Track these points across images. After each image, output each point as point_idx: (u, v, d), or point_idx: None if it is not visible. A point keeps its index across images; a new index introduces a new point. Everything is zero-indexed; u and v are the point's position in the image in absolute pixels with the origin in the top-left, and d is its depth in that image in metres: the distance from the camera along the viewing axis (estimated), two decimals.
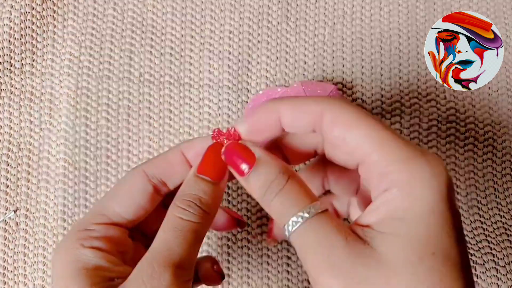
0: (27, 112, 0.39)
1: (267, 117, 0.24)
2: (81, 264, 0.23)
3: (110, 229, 0.25)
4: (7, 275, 0.37)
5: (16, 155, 0.38)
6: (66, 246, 0.24)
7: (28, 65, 0.39)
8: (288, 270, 0.37)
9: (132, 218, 0.26)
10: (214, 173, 0.25)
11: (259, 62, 0.40)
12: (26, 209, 0.38)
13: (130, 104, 0.39)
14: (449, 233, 0.19)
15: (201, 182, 0.25)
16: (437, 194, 0.20)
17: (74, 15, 0.40)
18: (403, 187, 0.20)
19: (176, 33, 0.40)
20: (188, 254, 0.23)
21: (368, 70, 0.40)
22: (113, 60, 0.40)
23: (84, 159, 0.38)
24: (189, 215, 0.24)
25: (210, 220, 0.25)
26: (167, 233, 0.23)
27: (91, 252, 0.24)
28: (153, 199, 0.27)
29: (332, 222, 0.21)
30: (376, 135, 0.21)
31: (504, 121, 0.40)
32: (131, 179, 0.26)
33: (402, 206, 0.20)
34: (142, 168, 0.27)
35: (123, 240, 0.26)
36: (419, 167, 0.20)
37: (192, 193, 0.24)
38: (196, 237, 0.24)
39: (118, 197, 0.26)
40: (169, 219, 0.24)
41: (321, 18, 0.41)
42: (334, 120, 0.22)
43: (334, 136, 0.22)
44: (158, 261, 0.22)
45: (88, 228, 0.25)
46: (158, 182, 0.27)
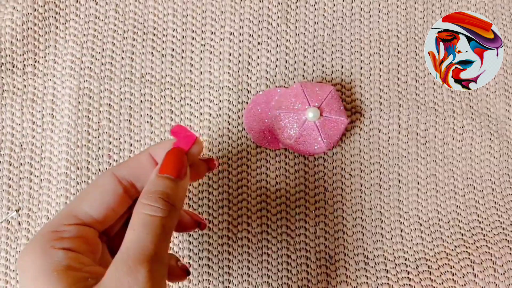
0: (29, 113, 0.39)
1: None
2: (53, 266, 0.23)
3: (81, 230, 0.25)
4: (9, 274, 0.37)
5: (19, 155, 0.39)
6: (36, 249, 0.24)
7: (30, 66, 0.39)
8: (288, 269, 0.37)
9: (102, 219, 0.26)
10: (176, 171, 0.26)
11: (259, 63, 0.40)
12: (29, 208, 0.38)
13: (132, 105, 0.39)
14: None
15: (165, 180, 0.26)
16: None
17: (76, 17, 0.40)
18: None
19: (177, 35, 0.40)
20: (161, 249, 0.23)
21: (367, 71, 0.40)
22: (114, 61, 0.40)
23: (86, 159, 0.39)
24: (158, 210, 0.24)
25: (177, 214, 0.26)
26: (138, 231, 0.23)
27: (63, 253, 0.24)
28: (123, 200, 0.27)
29: None
30: None
31: (502, 122, 0.40)
32: (102, 180, 0.27)
33: None
34: (112, 171, 0.27)
35: (93, 240, 0.26)
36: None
37: (158, 189, 0.25)
38: (166, 231, 0.24)
39: (88, 198, 0.26)
40: (138, 217, 0.24)
41: (320, 19, 0.41)
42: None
43: None
44: (132, 259, 0.22)
45: (58, 230, 0.25)
46: (128, 184, 0.27)
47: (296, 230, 0.38)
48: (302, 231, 0.38)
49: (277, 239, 0.38)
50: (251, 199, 0.38)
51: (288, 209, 0.38)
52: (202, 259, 0.38)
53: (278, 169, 0.39)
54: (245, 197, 0.38)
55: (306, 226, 0.38)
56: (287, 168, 0.39)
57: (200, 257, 0.38)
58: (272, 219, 0.38)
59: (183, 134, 0.28)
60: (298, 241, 0.38)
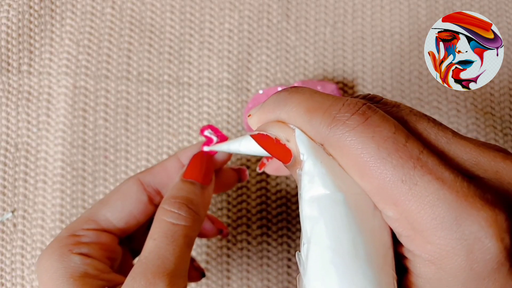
0: (24, 112, 0.39)
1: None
2: (70, 273, 0.23)
3: (100, 235, 0.25)
4: (4, 276, 0.37)
5: (14, 155, 0.38)
6: (53, 253, 0.24)
7: (25, 64, 0.39)
8: (288, 272, 0.37)
9: (123, 226, 0.26)
10: (201, 176, 0.25)
11: (259, 61, 0.40)
12: (24, 210, 0.38)
13: (129, 104, 0.39)
14: None
15: (190, 185, 0.25)
16: (468, 274, 0.16)
17: (72, 14, 0.40)
18: (434, 260, 0.16)
19: (175, 32, 0.40)
20: (182, 261, 0.23)
21: (369, 69, 0.40)
22: (111, 59, 0.39)
23: (82, 159, 0.38)
24: (181, 218, 0.23)
25: (201, 224, 0.25)
26: (158, 241, 0.23)
27: (80, 259, 0.23)
28: (146, 208, 0.26)
29: None
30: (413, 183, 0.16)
31: (506, 121, 0.40)
32: (126, 186, 0.26)
33: (432, 280, 0.17)
34: (138, 177, 0.26)
35: (112, 247, 0.25)
36: (457, 237, 0.16)
37: (182, 195, 0.24)
38: (188, 242, 0.23)
39: (110, 204, 0.26)
40: (159, 225, 0.23)
41: (321, 16, 0.41)
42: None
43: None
44: (151, 271, 0.22)
45: (77, 234, 0.24)
46: (152, 191, 0.26)
47: (297, 232, 0.38)
48: None
49: (277, 242, 0.37)
50: (251, 200, 0.38)
51: (289, 210, 0.38)
52: (201, 262, 0.37)
53: None
54: (245, 198, 0.38)
55: None
56: None
57: (198, 260, 0.37)
58: (273, 221, 0.38)
59: (213, 135, 0.27)
60: (299, 244, 0.37)
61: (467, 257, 0.15)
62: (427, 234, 0.16)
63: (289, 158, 0.18)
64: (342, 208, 0.17)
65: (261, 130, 0.19)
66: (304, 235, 0.17)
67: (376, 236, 0.17)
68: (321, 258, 0.17)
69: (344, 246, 0.16)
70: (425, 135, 0.17)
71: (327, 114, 0.17)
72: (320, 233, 0.17)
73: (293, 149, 0.18)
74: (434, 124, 0.18)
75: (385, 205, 0.16)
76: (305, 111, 0.17)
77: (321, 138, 0.17)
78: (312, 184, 0.17)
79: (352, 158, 0.16)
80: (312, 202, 0.17)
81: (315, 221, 0.17)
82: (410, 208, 0.16)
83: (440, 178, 0.16)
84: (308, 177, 0.17)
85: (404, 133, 0.16)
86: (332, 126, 0.17)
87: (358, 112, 0.17)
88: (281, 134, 0.18)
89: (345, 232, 0.17)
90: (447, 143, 0.17)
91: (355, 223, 0.17)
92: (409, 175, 0.16)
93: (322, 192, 0.17)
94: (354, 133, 0.16)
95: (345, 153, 0.17)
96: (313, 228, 0.17)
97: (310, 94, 0.18)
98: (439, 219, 0.15)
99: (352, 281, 0.16)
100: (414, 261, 0.17)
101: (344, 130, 0.16)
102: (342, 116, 0.17)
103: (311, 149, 0.17)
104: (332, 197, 0.17)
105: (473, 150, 0.17)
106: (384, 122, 0.16)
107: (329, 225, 0.17)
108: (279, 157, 0.18)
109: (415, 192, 0.16)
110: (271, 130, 0.18)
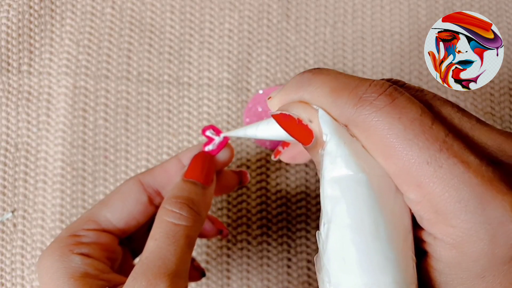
0: (24, 112, 0.39)
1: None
2: (70, 273, 0.23)
3: (100, 236, 0.25)
4: (4, 276, 0.37)
5: (14, 155, 0.38)
6: (54, 253, 0.24)
7: (25, 64, 0.39)
8: (288, 273, 0.37)
9: (123, 227, 0.26)
10: (202, 176, 0.25)
11: (259, 61, 0.40)
12: (24, 210, 0.38)
13: (129, 104, 0.39)
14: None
15: (191, 185, 0.25)
16: (490, 259, 0.16)
17: (72, 14, 0.40)
18: (456, 244, 0.16)
19: (175, 32, 0.40)
20: (183, 261, 0.23)
21: (369, 69, 0.40)
22: (111, 59, 0.39)
23: (82, 159, 0.38)
24: (182, 218, 0.23)
25: (202, 224, 0.25)
26: (160, 241, 0.23)
27: (80, 259, 0.23)
28: (146, 210, 0.26)
29: None
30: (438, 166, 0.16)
31: (506, 121, 0.40)
32: (126, 187, 0.26)
33: (452, 264, 0.17)
34: (138, 178, 0.26)
35: (112, 247, 0.25)
36: (481, 221, 0.15)
37: (184, 195, 0.24)
38: (189, 242, 0.23)
39: (111, 204, 0.26)
40: (160, 225, 0.23)
41: (321, 16, 0.41)
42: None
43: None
44: (152, 272, 0.21)
45: (77, 234, 0.24)
46: (153, 192, 0.26)
47: (297, 232, 0.38)
48: (303, 234, 0.38)
49: (277, 242, 0.37)
50: (251, 200, 0.38)
51: (289, 210, 0.38)
52: (201, 262, 0.37)
53: (279, 170, 0.38)
54: (245, 199, 0.38)
55: (307, 228, 0.38)
56: (288, 169, 0.38)
57: (198, 260, 0.37)
58: (273, 221, 0.38)
59: (215, 135, 0.27)
60: (299, 244, 0.37)
61: (490, 241, 0.15)
62: (450, 217, 0.16)
63: (311, 139, 0.18)
64: (364, 189, 0.17)
65: (283, 110, 0.18)
66: (324, 215, 0.17)
67: (397, 218, 0.17)
68: (341, 237, 0.17)
69: (365, 226, 0.16)
70: (450, 119, 0.17)
71: (353, 94, 0.17)
72: (341, 213, 0.17)
73: (315, 130, 0.18)
74: (458, 109, 0.18)
75: (409, 187, 0.16)
76: (330, 91, 0.17)
77: (345, 119, 0.17)
78: (334, 164, 0.17)
79: (377, 139, 0.16)
80: (334, 183, 0.17)
81: (337, 201, 0.17)
82: (434, 190, 0.16)
83: (466, 161, 0.16)
84: (331, 157, 0.17)
85: (430, 116, 0.16)
86: (359, 106, 0.17)
87: (385, 93, 0.16)
88: (304, 114, 0.18)
89: (366, 213, 0.17)
90: (471, 128, 0.17)
91: (377, 204, 0.17)
92: (434, 157, 0.16)
93: (344, 172, 0.17)
94: (380, 114, 0.16)
95: (370, 134, 0.17)
96: (334, 208, 0.17)
97: (335, 74, 0.18)
98: (464, 202, 0.15)
99: (372, 260, 0.16)
100: (434, 245, 0.17)
101: (371, 111, 0.16)
102: (369, 96, 0.16)
103: (335, 130, 0.17)
104: (355, 177, 0.17)
105: (497, 136, 0.17)
106: (410, 104, 0.16)
107: (351, 205, 0.17)
108: (301, 138, 0.18)
109: (440, 175, 0.16)
110: (294, 111, 0.18)
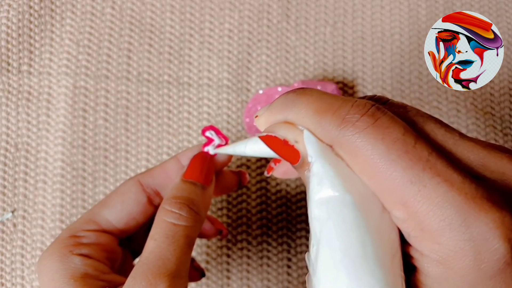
0: (24, 112, 0.39)
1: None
2: (70, 273, 0.23)
3: (100, 236, 0.25)
4: (4, 276, 0.37)
5: (14, 156, 0.38)
6: (54, 254, 0.24)
7: (25, 64, 0.39)
8: (288, 273, 0.37)
9: (123, 227, 0.26)
10: (202, 176, 0.25)
11: (259, 61, 0.40)
12: (24, 210, 0.38)
13: (129, 104, 0.39)
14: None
15: (191, 185, 0.25)
16: (476, 274, 0.16)
17: (72, 14, 0.40)
18: (442, 260, 0.16)
19: (175, 32, 0.40)
20: (182, 261, 0.23)
21: (369, 69, 0.40)
22: (111, 59, 0.39)
23: (82, 159, 0.38)
24: (182, 219, 0.23)
25: (201, 224, 0.25)
26: (159, 241, 0.23)
27: (80, 260, 0.23)
28: (146, 210, 0.26)
29: None
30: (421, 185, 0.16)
31: (506, 121, 0.40)
32: (125, 188, 0.26)
33: (440, 280, 0.17)
34: (138, 178, 0.26)
35: (112, 247, 0.25)
36: (466, 238, 0.16)
37: (183, 195, 0.24)
38: (188, 242, 0.23)
39: (110, 205, 0.26)
40: (160, 225, 0.23)
41: (321, 16, 0.41)
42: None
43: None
44: (152, 272, 0.22)
45: (77, 235, 0.25)
46: (152, 192, 0.26)
47: (298, 232, 0.38)
48: (303, 234, 0.37)
49: (277, 242, 0.37)
50: (251, 200, 0.38)
51: (289, 210, 0.38)
52: (201, 262, 0.37)
53: None
54: (245, 198, 0.38)
55: (307, 228, 0.38)
56: None
57: (198, 260, 0.37)
58: (273, 221, 0.38)
59: (215, 136, 0.27)
60: (299, 244, 0.37)
61: (475, 258, 0.16)
62: (435, 235, 0.16)
63: (297, 159, 0.18)
64: (351, 210, 0.17)
65: (269, 131, 0.19)
66: (313, 237, 0.18)
67: (384, 236, 0.17)
68: (330, 259, 0.17)
69: (353, 247, 0.17)
70: (433, 136, 0.17)
71: (336, 115, 0.17)
72: (330, 235, 0.17)
73: (301, 150, 0.18)
74: (441, 125, 0.18)
75: (394, 206, 0.17)
76: (314, 112, 0.17)
77: (330, 139, 0.17)
78: (320, 186, 0.17)
79: (361, 159, 0.17)
80: (321, 204, 0.17)
81: (324, 222, 0.17)
82: (419, 209, 0.16)
83: (449, 180, 0.16)
84: (317, 178, 0.17)
85: (413, 135, 0.17)
86: (342, 127, 0.17)
87: (368, 114, 0.17)
88: (290, 135, 0.18)
89: (354, 234, 0.17)
90: (454, 144, 0.17)
91: (364, 224, 0.17)
92: (418, 177, 0.16)
93: (331, 194, 0.17)
94: (364, 135, 0.16)
95: (354, 154, 0.17)
96: (322, 230, 0.17)
97: (319, 95, 0.18)
98: (448, 220, 0.16)
99: (361, 281, 0.16)
100: (422, 260, 0.17)
101: (354, 132, 0.16)
102: (352, 117, 0.17)
103: (320, 150, 0.18)
104: (341, 199, 0.17)
105: (480, 151, 0.17)
106: (393, 123, 0.17)
107: (338, 226, 0.17)
108: (287, 158, 0.18)
109: (424, 194, 0.16)
110: (280, 131, 0.19)
